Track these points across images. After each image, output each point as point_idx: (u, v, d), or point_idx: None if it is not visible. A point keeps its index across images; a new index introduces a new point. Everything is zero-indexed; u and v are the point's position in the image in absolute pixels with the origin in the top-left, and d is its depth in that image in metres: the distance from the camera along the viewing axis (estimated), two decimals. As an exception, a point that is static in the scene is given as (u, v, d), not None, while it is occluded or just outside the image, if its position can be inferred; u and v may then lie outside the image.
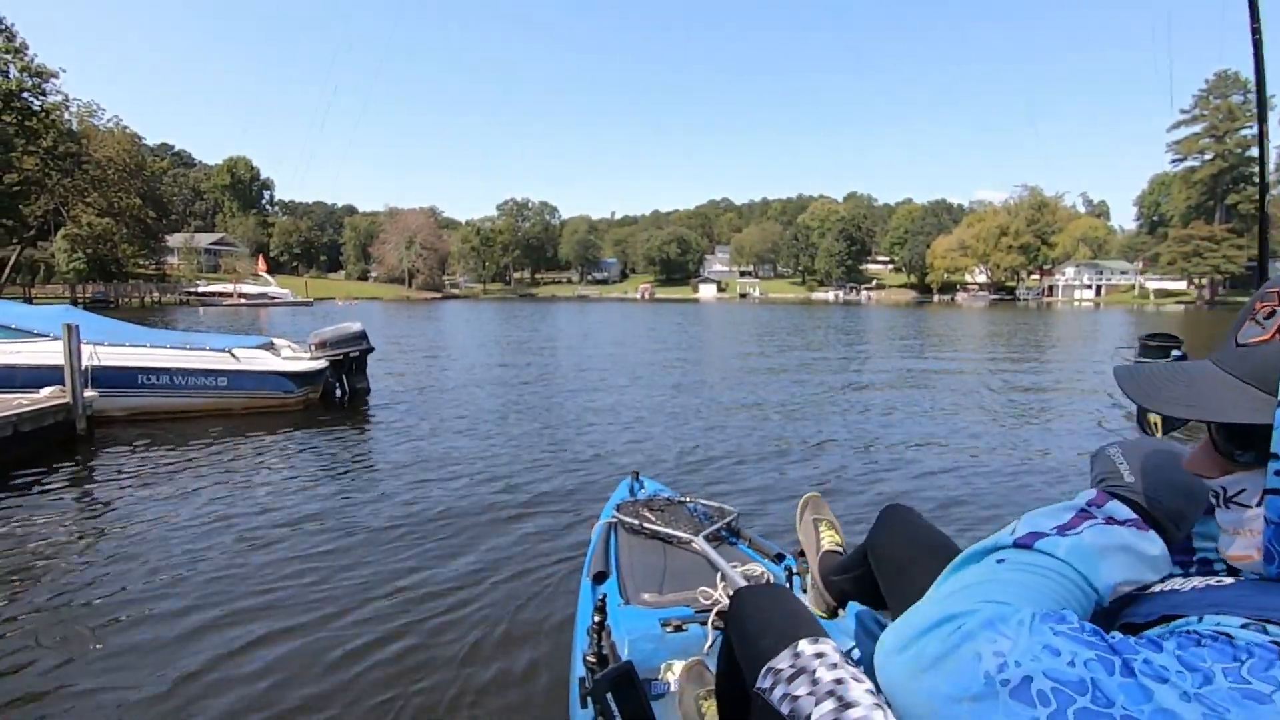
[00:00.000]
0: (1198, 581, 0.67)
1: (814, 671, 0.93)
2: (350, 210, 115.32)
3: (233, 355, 7.69)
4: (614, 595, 2.08)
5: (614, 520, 2.63)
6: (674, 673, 1.75)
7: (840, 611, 1.55)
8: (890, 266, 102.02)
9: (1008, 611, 0.57)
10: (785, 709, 0.92)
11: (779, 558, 2.30)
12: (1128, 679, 0.49)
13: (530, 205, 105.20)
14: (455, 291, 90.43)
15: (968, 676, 0.54)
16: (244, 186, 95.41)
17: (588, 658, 1.82)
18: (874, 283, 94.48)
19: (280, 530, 4.22)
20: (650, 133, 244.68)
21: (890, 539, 1.29)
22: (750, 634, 1.10)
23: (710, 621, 1.85)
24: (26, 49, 36.72)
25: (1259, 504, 0.56)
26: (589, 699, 1.66)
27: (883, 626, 1.52)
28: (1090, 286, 76.52)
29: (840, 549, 1.66)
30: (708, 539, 2.33)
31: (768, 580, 2.08)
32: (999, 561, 0.66)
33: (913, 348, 18.54)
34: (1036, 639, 0.53)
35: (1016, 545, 0.67)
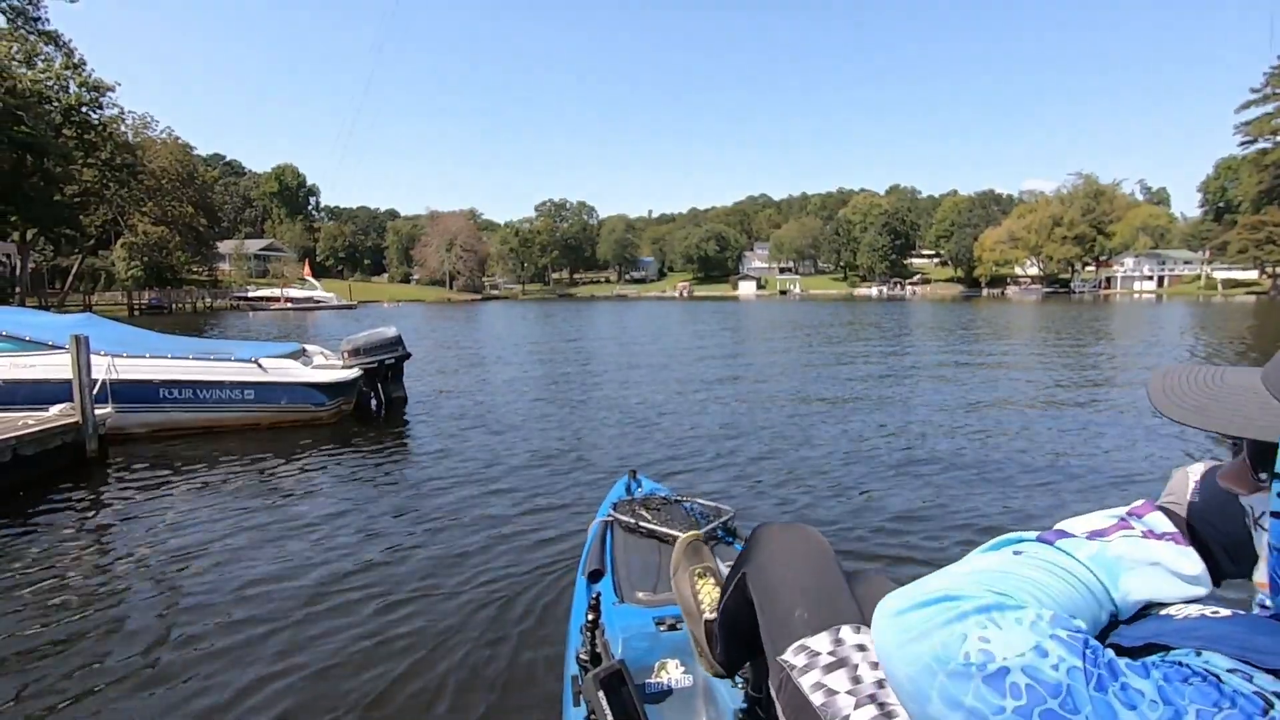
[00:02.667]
0: (1194, 610, 0.63)
1: (856, 666, 0.86)
2: (392, 214, 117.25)
3: (259, 366, 7.20)
4: (609, 593, 2.08)
5: (610, 518, 2.63)
6: (669, 672, 1.74)
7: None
8: (936, 260, 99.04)
9: (1007, 604, 0.57)
10: (817, 699, 0.85)
11: None
12: (1100, 694, 0.49)
13: (568, 205, 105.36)
14: (495, 293, 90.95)
15: (949, 653, 0.54)
16: (291, 193, 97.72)
17: (581, 656, 1.81)
18: (918, 277, 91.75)
19: (298, 567, 3.71)
20: (687, 130, 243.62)
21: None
22: (782, 589, 1.00)
23: None
24: (84, 65, 37.81)
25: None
26: (581, 697, 1.63)
27: None
28: (1151, 277, 72.80)
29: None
30: (703, 538, 2.19)
31: None
32: (1016, 553, 0.65)
33: (961, 344, 17.33)
34: (1032, 637, 0.53)
35: (1038, 540, 0.67)
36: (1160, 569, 0.64)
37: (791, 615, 0.97)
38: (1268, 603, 0.59)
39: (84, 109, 38.25)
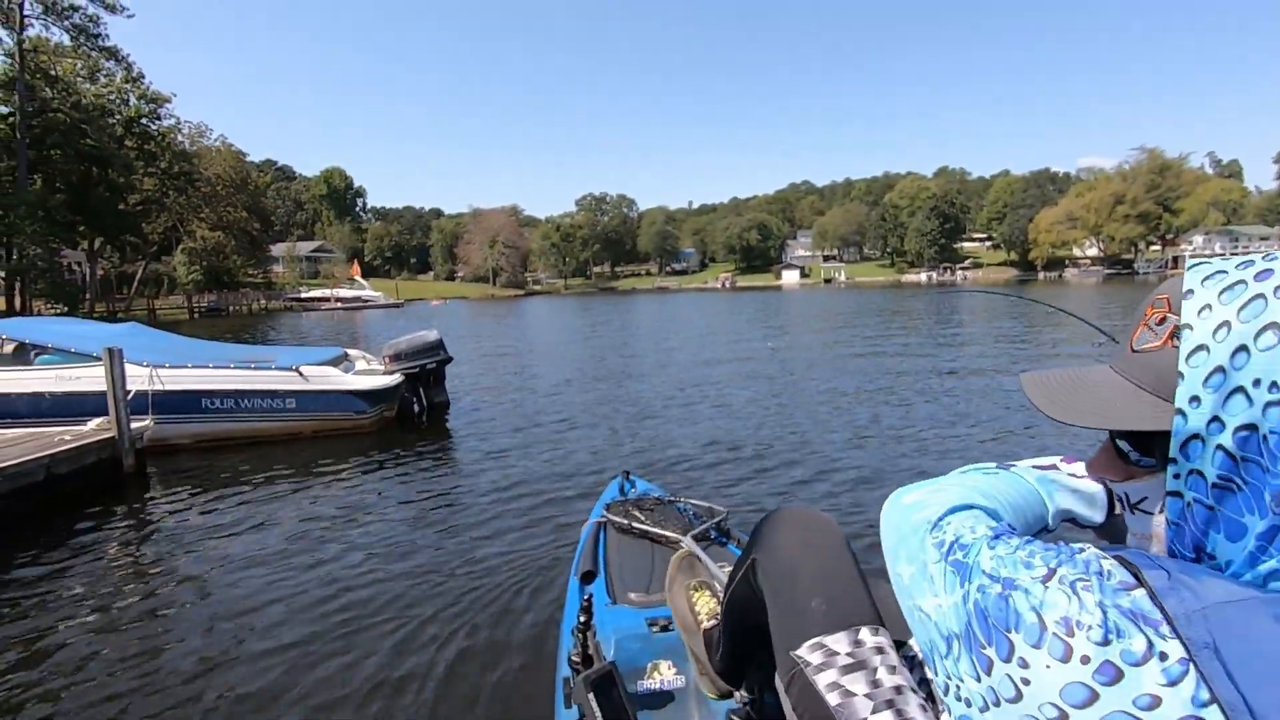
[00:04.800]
0: None
1: (875, 670, 0.86)
2: (437, 213, 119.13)
3: (300, 374, 7.07)
4: (601, 595, 2.07)
5: (603, 519, 2.59)
6: (660, 673, 1.73)
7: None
8: (988, 244, 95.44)
9: (975, 500, 0.74)
10: (833, 699, 0.85)
11: None
12: (996, 541, 0.62)
13: (608, 199, 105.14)
14: (537, 288, 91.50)
15: (921, 516, 0.72)
16: (339, 196, 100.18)
17: (572, 657, 1.81)
18: (969, 262, 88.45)
19: (325, 580, 3.55)
20: (727, 119, 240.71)
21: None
22: (797, 577, 0.97)
23: None
24: (143, 78, 39.20)
25: (1161, 511, 0.59)
26: (571, 699, 1.63)
27: None
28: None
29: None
30: (696, 539, 2.21)
31: None
32: (986, 472, 0.85)
33: (1016, 330, 16.34)
34: (974, 521, 0.68)
35: (999, 466, 0.88)
36: (1080, 494, 0.85)
37: (808, 605, 0.93)
38: None
39: (143, 120, 39.69)
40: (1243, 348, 0.49)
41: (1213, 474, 0.51)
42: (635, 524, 2.49)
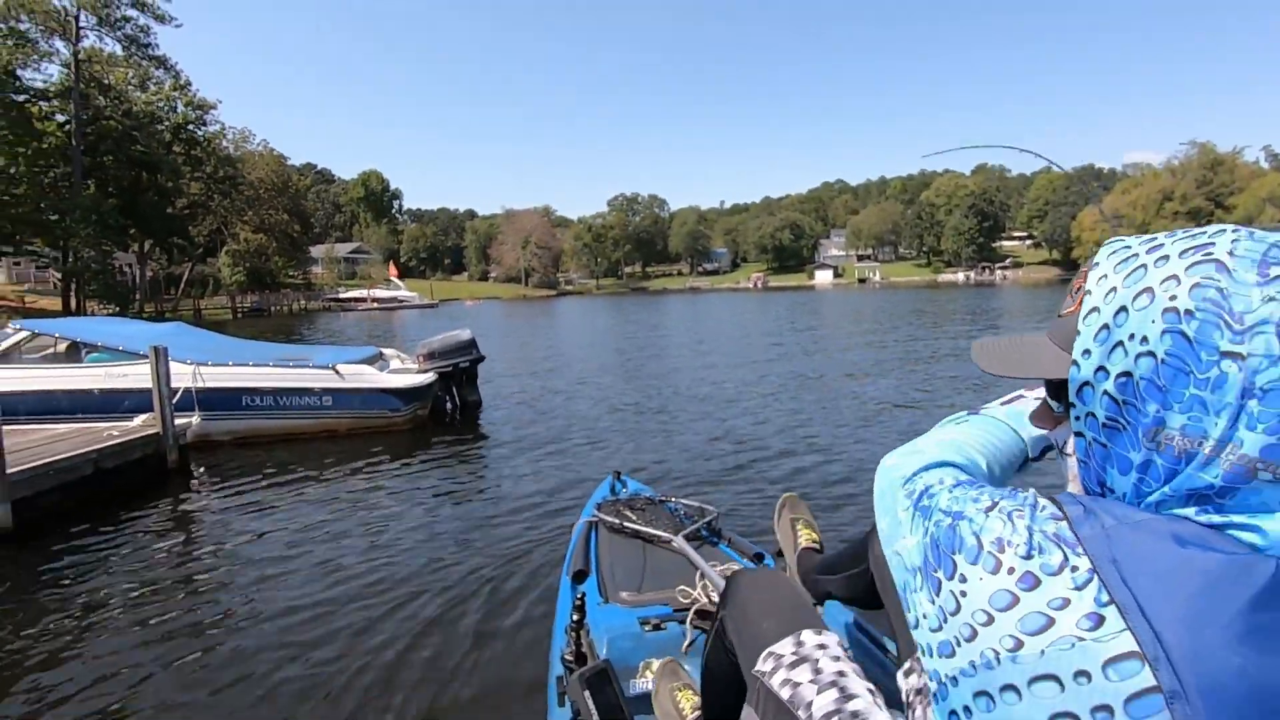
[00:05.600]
0: None
1: (817, 661, 0.99)
2: (471, 214, 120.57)
3: (336, 372, 7.18)
4: (593, 594, 2.09)
5: (594, 519, 2.61)
6: (653, 671, 1.74)
7: (818, 609, 1.47)
8: (1029, 242, 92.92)
9: (948, 457, 0.81)
10: (785, 694, 0.96)
11: (758, 557, 2.30)
12: (956, 486, 0.69)
13: (640, 199, 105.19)
14: (569, 288, 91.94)
15: (898, 474, 0.79)
16: (376, 198, 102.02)
17: (565, 656, 1.82)
18: (1009, 261, 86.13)
19: (353, 573, 3.57)
20: (759, 118, 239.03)
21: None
22: (751, 616, 1.11)
23: (689, 620, 1.85)
24: (190, 85, 40.49)
25: (1073, 452, 0.67)
26: (565, 697, 1.65)
27: (865, 634, 1.72)
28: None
29: (817, 545, 1.67)
30: (687, 538, 2.31)
31: None
32: (958, 422, 0.93)
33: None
34: (943, 474, 0.74)
35: (970, 412, 0.96)
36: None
37: (760, 628, 1.07)
38: None
39: (190, 126, 40.99)
40: (1123, 308, 0.57)
41: (1102, 415, 0.59)
42: (627, 523, 2.51)
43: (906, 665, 0.98)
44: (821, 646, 1.01)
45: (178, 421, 5.93)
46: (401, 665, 2.83)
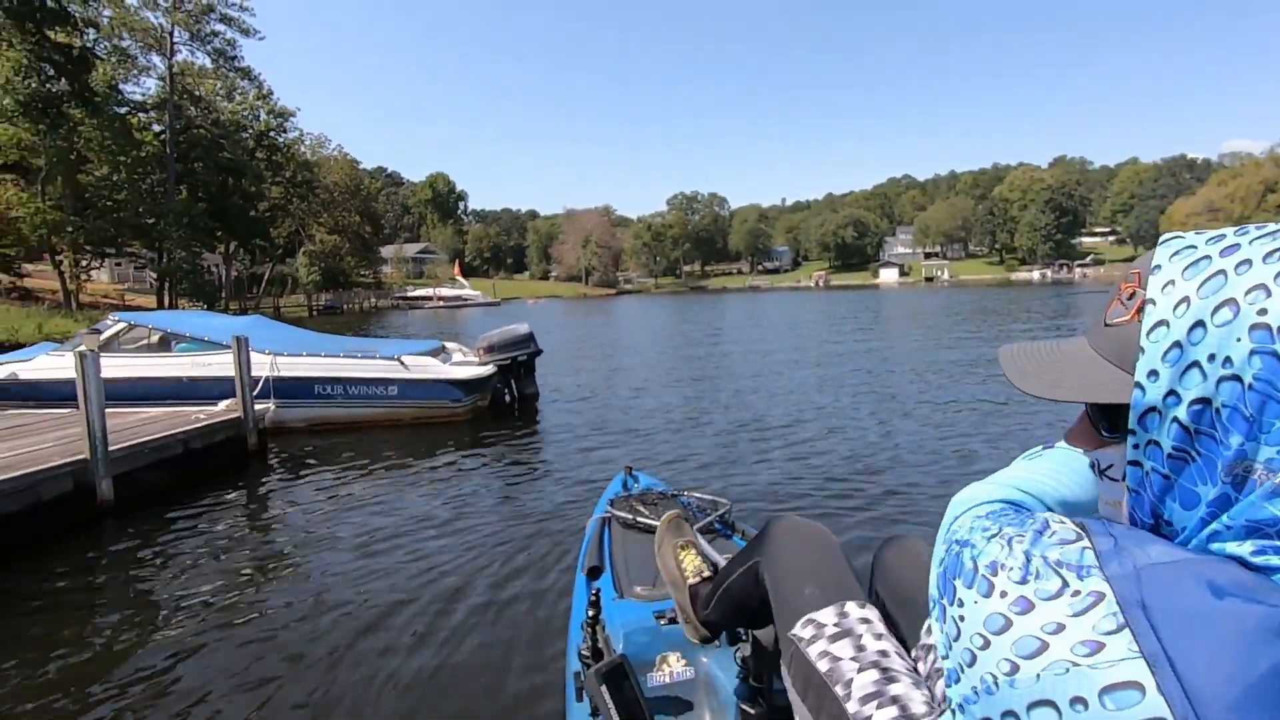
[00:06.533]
0: None
1: (860, 637, 0.96)
2: (533, 214, 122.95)
3: (402, 364, 7.49)
4: (608, 589, 2.09)
5: (608, 515, 2.62)
6: (669, 665, 1.76)
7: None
8: (1112, 238, 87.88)
9: (1008, 495, 0.77)
10: (823, 665, 0.94)
11: None
12: (980, 518, 0.68)
13: (699, 198, 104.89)
14: (628, 287, 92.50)
15: (951, 513, 0.75)
16: (443, 199, 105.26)
17: (582, 652, 1.83)
18: (1090, 258, 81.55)
19: (415, 559, 3.68)
20: (822, 113, 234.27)
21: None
22: (792, 571, 1.11)
23: None
24: (272, 94, 42.79)
25: (1124, 478, 0.61)
26: (583, 692, 1.66)
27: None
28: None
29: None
30: (700, 532, 2.23)
31: None
32: (1030, 458, 0.88)
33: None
34: (989, 508, 0.72)
35: (1045, 447, 0.90)
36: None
37: (801, 593, 1.06)
38: None
39: (271, 134, 43.31)
40: (1200, 323, 0.50)
41: (1169, 445, 0.53)
42: (639, 518, 2.51)
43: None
44: (865, 621, 0.98)
45: (256, 408, 6.32)
46: (423, 652, 2.87)
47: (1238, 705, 0.43)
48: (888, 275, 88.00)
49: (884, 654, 0.93)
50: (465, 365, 8.01)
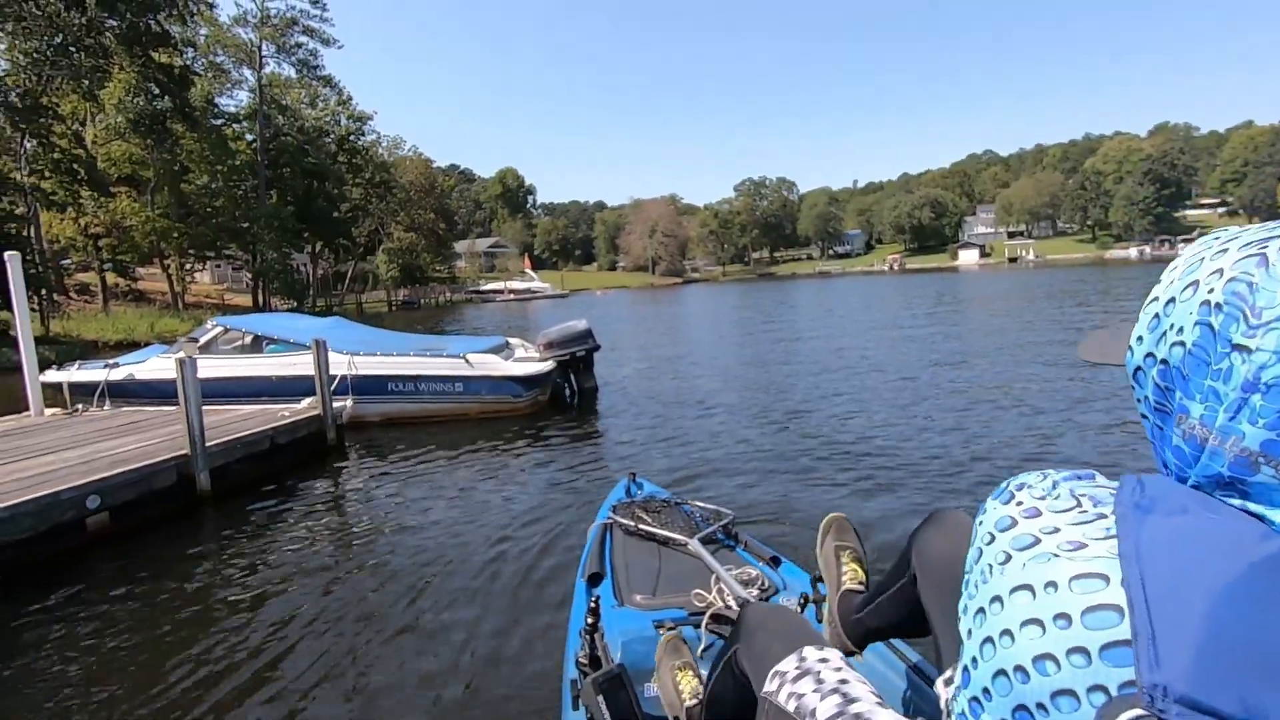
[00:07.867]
0: None
1: (819, 673, 1.01)
2: (600, 206, 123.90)
3: (466, 361, 7.88)
4: (608, 596, 2.08)
5: (610, 521, 2.60)
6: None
7: (858, 655, 1.45)
8: (1221, 210, 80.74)
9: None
10: (791, 706, 0.99)
11: (774, 561, 2.26)
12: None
13: (767, 183, 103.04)
14: (695, 275, 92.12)
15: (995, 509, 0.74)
16: (512, 194, 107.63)
17: (580, 659, 1.81)
18: (1196, 232, 75.13)
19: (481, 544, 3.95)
20: (895, 89, 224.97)
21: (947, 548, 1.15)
22: (760, 642, 1.16)
23: (704, 624, 1.83)
24: (351, 100, 44.96)
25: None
26: (579, 701, 1.65)
27: (914, 669, 1.64)
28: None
29: (862, 586, 1.54)
30: (703, 541, 2.28)
31: (762, 583, 2.08)
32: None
33: None
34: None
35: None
36: None
37: (769, 652, 1.11)
38: None
39: (351, 138, 45.53)
40: (1172, 299, 0.59)
41: (1153, 399, 0.62)
42: (642, 526, 2.50)
43: (947, 674, 1.01)
44: (823, 660, 1.04)
45: (335, 405, 6.85)
46: (446, 647, 2.97)
47: (1191, 596, 0.48)
48: (967, 256, 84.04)
49: (843, 681, 0.97)
50: (526, 362, 8.33)
